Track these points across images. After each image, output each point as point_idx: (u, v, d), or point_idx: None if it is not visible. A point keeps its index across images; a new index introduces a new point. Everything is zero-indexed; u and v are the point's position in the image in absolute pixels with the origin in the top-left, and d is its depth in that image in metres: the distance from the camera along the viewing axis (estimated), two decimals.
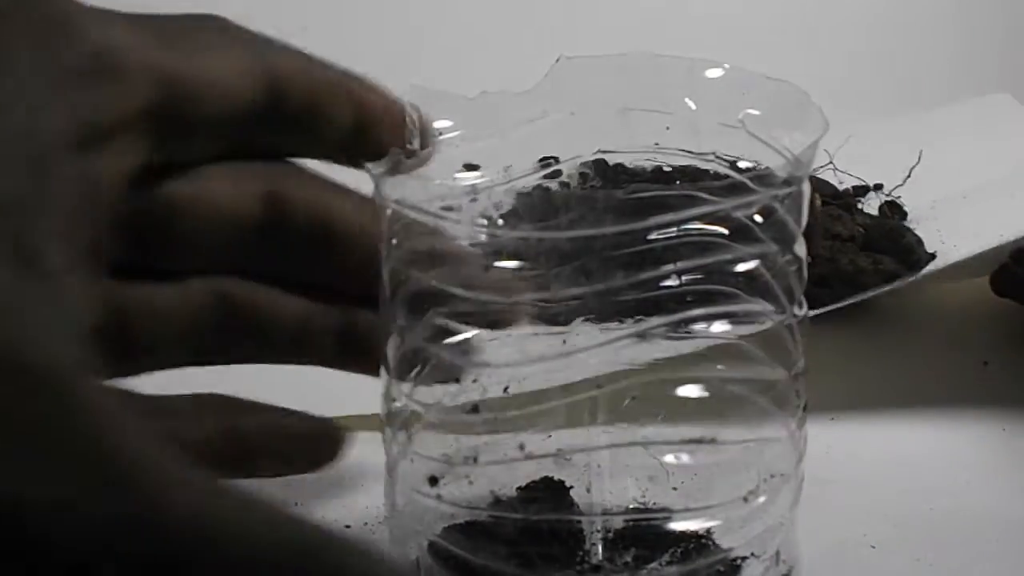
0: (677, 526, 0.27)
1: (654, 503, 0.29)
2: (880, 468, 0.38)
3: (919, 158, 0.62)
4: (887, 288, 0.47)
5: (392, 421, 0.28)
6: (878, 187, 0.64)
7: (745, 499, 0.28)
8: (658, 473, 0.28)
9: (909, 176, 0.62)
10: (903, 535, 0.33)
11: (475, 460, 0.27)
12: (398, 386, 0.28)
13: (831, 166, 0.62)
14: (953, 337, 0.44)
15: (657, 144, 0.30)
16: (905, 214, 0.61)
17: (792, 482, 0.28)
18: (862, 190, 0.64)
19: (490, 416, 0.27)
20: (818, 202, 0.60)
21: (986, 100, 0.74)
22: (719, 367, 0.27)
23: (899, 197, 0.62)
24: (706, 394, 0.27)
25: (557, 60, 0.30)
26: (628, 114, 0.30)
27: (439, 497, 0.28)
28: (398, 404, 0.28)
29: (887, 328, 0.51)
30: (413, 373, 0.28)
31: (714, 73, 0.29)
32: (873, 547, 0.33)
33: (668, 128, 0.30)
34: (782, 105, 0.28)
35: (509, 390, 0.28)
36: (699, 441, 0.27)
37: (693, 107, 0.30)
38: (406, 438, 0.28)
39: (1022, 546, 0.33)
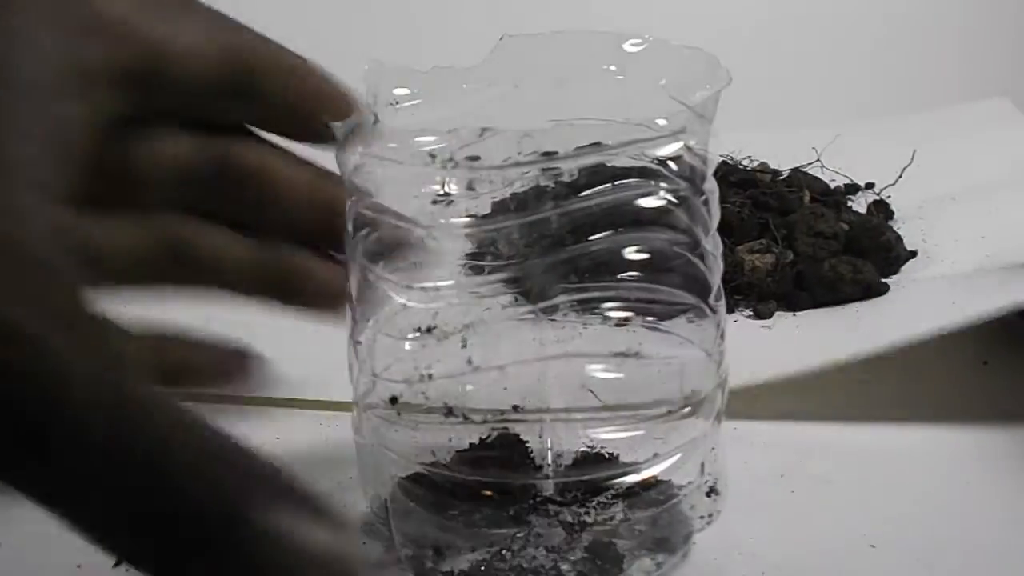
0: (603, 435, 0.31)
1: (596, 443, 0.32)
2: (880, 468, 0.38)
3: (912, 158, 0.64)
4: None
5: (358, 357, 0.32)
6: (869, 186, 0.66)
7: (669, 411, 0.31)
8: (588, 392, 0.32)
9: (901, 176, 0.64)
10: (903, 535, 0.34)
11: (430, 377, 0.31)
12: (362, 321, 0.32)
13: (819, 163, 0.65)
14: (953, 337, 0.42)
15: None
16: (892, 213, 0.62)
17: (713, 397, 0.32)
18: (852, 188, 0.66)
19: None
20: (807, 198, 0.63)
21: (985, 104, 0.76)
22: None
23: (889, 196, 0.64)
24: (630, 314, 0.31)
25: (501, 38, 0.34)
26: (564, 85, 0.34)
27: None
28: (361, 339, 0.32)
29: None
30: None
31: (637, 46, 0.33)
32: (873, 547, 0.33)
33: (600, 96, 0.34)
34: (696, 70, 0.32)
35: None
36: (624, 355, 0.31)
37: (620, 77, 0.34)
38: (370, 368, 0.32)
39: (1022, 546, 0.33)
